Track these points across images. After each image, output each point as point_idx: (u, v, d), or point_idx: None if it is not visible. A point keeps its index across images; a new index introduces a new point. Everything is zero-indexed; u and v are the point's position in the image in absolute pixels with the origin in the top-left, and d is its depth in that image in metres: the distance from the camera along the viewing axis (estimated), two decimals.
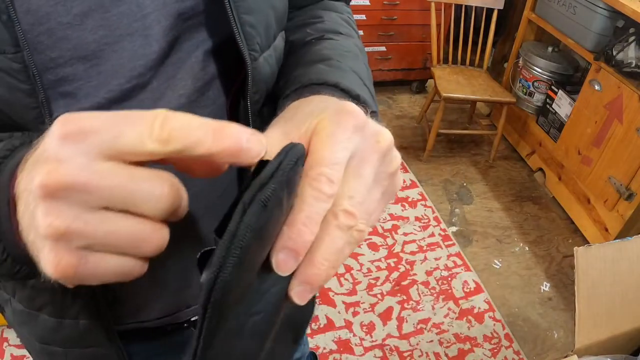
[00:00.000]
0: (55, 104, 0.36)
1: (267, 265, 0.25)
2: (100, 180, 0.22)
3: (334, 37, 0.49)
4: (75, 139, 0.22)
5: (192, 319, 0.57)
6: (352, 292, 1.78)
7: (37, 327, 0.51)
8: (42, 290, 0.48)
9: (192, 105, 0.42)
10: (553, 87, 2.22)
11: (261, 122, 0.45)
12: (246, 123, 0.44)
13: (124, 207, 0.23)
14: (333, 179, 0.26)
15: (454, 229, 2.12)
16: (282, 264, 0.25)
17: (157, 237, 0.25)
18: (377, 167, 0.28)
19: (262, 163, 0.25)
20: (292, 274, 0.26)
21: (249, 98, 0.43)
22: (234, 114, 0.46)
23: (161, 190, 0.24)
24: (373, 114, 0.37)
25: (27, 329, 0.53)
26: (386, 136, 0.29)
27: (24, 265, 0.30)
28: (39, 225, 0.23)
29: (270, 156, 0.26)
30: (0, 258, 0.29)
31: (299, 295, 0.26)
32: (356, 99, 0.39)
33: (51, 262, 0.23)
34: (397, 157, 0.30)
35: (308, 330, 1.63)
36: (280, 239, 0.25)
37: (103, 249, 0.24)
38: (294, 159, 0.25)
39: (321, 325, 1.66)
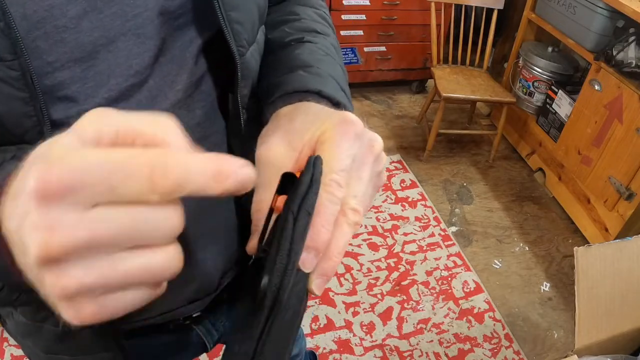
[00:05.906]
0: (54, 109, 0.36)
1: None
2: (101, 231, 0.21)
3: (312, 38, 0.50)
4: (61, 197, 0.20)
5: (194, 315, 0.58)
6: (352, 292, 1.78)
7: (42, 337, 0.51)
8: (46, 304, 0.47)
9: (189, 99, 0.43)
10: (553, 87, 2.22)
11: (248, 115, 0.47)
12: (237, 116, 0.46)
13: (134, 245, 0.22)
14: (342, 183, 0.31)
15: (453, 229, 2.12)
16: (307, 261, 0.29)
17: (172, 263, 0.24)
18: (371, 168, 0.34)
19: (286, 176, 0.30)
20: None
21: (238, 92, 0.44)
22: (224, 107, 0.47)
23: (172, 221, 0.23)
24: None
25: (31, 340, 0.53)
26: (379, 141, 0.35)
27: (22, 293, 0.28)
28: (49, 292, 0.22)
29: (281, 167, 0.32)
30: None
31: (318, 286, 0.31)
32: (337, 105, 0.42)
33: (71, 316, 0.23)
34: (384, 157, 0.36)
35: (308, 330, 1.63)
36: None
37: (120, 289, 0.23)
38: (320, 171, 0.30)
39: (321, 325, 1.66)
